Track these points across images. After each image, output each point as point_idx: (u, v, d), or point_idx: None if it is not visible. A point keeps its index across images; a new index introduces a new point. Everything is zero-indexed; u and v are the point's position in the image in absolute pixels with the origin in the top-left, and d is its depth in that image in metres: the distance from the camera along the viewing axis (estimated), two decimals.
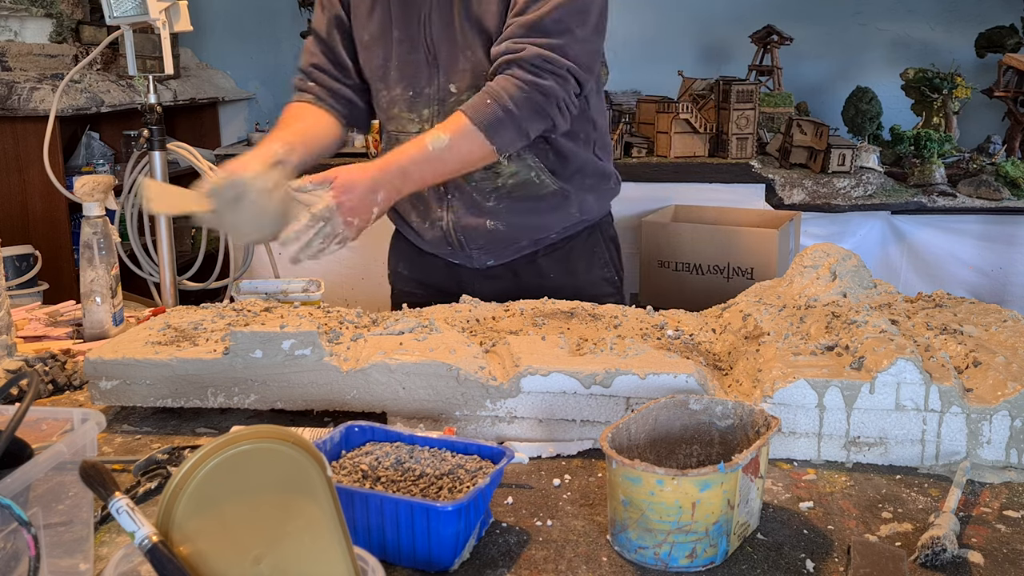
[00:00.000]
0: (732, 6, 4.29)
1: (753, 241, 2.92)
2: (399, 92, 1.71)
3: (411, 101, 1.71)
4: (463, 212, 1.74)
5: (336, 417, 1.31)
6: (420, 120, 1.70)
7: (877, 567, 0.88)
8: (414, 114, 1.71)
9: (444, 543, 0.92)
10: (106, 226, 1.69)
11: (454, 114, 1.57)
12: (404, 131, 1.72)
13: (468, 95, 1.64)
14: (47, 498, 0.84)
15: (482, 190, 1.73)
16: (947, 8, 4.25)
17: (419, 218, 1.80)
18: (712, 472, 0.90)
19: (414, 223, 1.82)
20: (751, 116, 3.40)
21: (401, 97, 1.71)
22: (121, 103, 3.78)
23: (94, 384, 1.31)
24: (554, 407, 1.21)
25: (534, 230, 1.79)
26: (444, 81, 1.67)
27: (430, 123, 1.68)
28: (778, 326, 1.34)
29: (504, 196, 1.73)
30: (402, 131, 1.73)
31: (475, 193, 1.73)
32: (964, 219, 3.26)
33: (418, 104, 1.70)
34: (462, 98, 1.66)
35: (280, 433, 0.75)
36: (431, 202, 1.76)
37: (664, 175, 3.35)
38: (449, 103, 1.67)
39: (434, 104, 1.69)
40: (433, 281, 1.85)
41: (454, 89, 1.67)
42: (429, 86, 1.68)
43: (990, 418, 1.12)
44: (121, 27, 2.05)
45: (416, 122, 1.71)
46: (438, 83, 1.68)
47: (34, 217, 3.48)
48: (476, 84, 1.64)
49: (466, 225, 1.75)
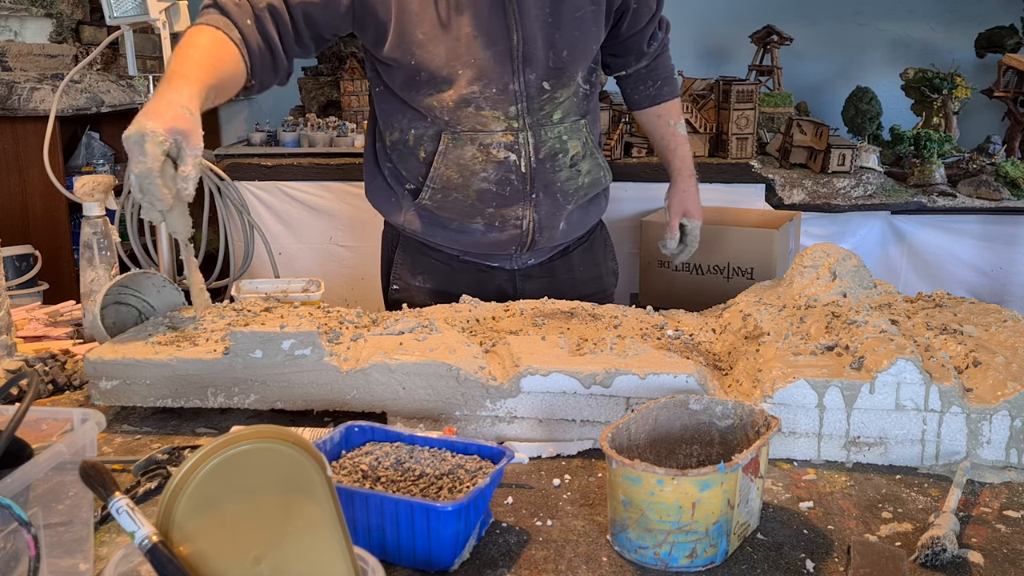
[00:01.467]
0: (732, 6, 4.29)
1: (753, 241, 2.91)
2: (476, 89, 1.62)
3: (495, 99, 1.63)
4: (546, 213, 1.73)
5: (336, 417, 1.31)
6: (506, 118, 1.65)
7: (877, 567, 0.88)
8: (498, 111, 1.65)
9: (444, 543, 0.92)
10: (106, 226, 1.69)
11: (676, 100, 1.96)
12: (485, 129, 1.66)
13: (561, 93, 1.67)
14: (47, 498, 0.84)
15: (565, 191, 1.74)
16: (947, 8, 4.25)
17: (484, 220, 1.72)
18: (712, 472, 0.90)
19: (472, 225, 1.73)
20: (751, 116, 3.40)
21: (481, 95, 1.63)
22: (121, 103, 3.78)
23: (94, 384, 1.31)
24: (554, 407, 1.21)
25: (582, 226, 1.85)
26: (535, 79, 1.64)
27: (518, 120, 1.65)
28: (778, 326, 1.34)
29: (581, 196, 1.78)
30: (482, 129, 1.66)
31: (559, 194, 1.73)
32: (964, 219, 3.25)
33: (503, 101, 1.64)
34: (556, 95, 1.66)
35: (280, 433, 0.75)
36: (512, 202, 1.70)
37: (664, 175, 3.32)
38: (540, 100, 1.66)
39: (522, 101, 1.65)
40: (461, 290, 1.70)
41: (547, 87, 1.66)
42: (514, 82, 1.63)
43: (990, 418, 1.12)
44: (121, 27, 2.05)
45: (502, 120, 1.65)
46: (524, 79, 1.63)
47: (34, 217, 3.48)
48: (565, 83, 1.67)
49: (545, 226, 1.74)
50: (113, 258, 1.69)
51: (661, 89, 1.93)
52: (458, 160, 1.67)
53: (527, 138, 1.67)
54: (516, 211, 1.71)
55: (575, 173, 1.74)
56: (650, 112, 1.96)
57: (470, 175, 1.68)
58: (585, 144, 1.75)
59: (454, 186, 1.69)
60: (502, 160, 1.67)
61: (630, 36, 1.82)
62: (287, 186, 3.40)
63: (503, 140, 1.66)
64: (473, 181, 1.68)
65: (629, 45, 1.84)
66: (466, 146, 1.66)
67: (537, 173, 1.69)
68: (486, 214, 1.72)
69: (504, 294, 1.78)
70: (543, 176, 1.70)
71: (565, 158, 1.72)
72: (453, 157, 1.67)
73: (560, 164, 1.71)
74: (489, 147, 1.66)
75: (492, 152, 1.66)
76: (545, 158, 1.69)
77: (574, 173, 1.73)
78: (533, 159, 1.68)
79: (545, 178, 1.70)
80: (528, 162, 1.68)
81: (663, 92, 1.94)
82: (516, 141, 1.67)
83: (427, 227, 1.77)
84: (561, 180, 1.72)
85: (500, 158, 1.67)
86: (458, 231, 1.76)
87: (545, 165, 1.69)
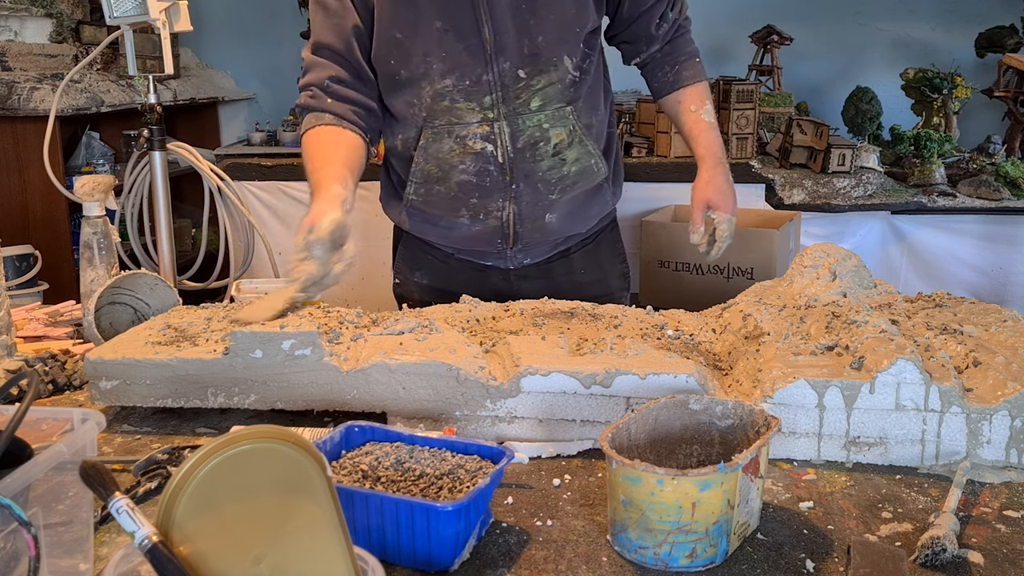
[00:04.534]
0: (732, 6, 4.29)
1: (753, 241, 2.92)
2: (450, 83, 1.63)
3: (468, 90, 1.64)
4: (527, 204, 1.72)
5: (336, 417, 1.31)
6: (481, 108, 1.65)
7: (877, 567, 0.88)
8: (473, 103, 1.65)
9: (444, 543, 0.92)
10: (106, 226, 1.69)
11: (698, 84, 1.81)
12: (461, 122, 1.66)
13: (539, 80, 1.65)
14: (47, 498, 0.84)
15: (548, 180, 1.71)
16: (947, 8, 4.25)
17: (469, 212, 1.73)
18: (712, 472, 0.90)
19: (458, 220, 1.74)
20: (751, 116, 3.40)
21: (454, 88, 1.64)
22: (121, 103, 3.78)
23: (94, 384, 1.31)
24: (554, 407, 1.21)
25: (581, 222, 1.81)
26: (509, 67, 1.63)
27: (493, 110, 1.65)
28: (778, 326, 1.34)
29: (567, 187, 1.74)
30: (457, 122, 1.66)
31: (540, 184, 1.71)
32: (964, 219, 3.25)
33: (477, 93, 1.64)
34: (532, 83, 1.65)
35: (280, 433, 0.75)
36: (493, 192, 1.70)
37: (664, 175, 3.36)
38: (516, 88, 1.65)
39: (496, 91, 1.64)
40: (458, 288, 1.73)
41: (523, 74, 1.64)
42: (487, 73, 1.63)
43: (990, 418, 1.12)
44: (121, 27, 2.05)
45: (477, 111, 1.66)
46: (498, 69, 1.63)
47: (34, 217, 3.48)
48: (542, 68, 1.64)
49: (527, 217, 1.73)
50: (113, 258, 1.69)
51: (680, 74, 1.82)
52: (436, 154, 1.69)
53: (502, 128, 1.66)
54: (497, 202, 1.71)
55: (558, 162, 1.71)
56: (671, 99, 1.85)
57: (449, 168, 1.69)
58: (572, 132, 1.71)
59: (435, 179, 1.71)
60: (479, 151, 1.67)
61: (635, 19, 1.77)
62: (287, 186, 3.41)
63: (479, 131, 1.66)
64: (453, 174, 1.69)
65: (636, 29, 1.79)
66: (444, 139, 1.67)
67: (515, 163, 1.68)
68: (470, 205, 1.72)
69: (501, 294, 1.77)
70: (522, 166, 1.68)
71: (547, 147, 1.69)
72: (432, 151, 1.69)
73: (541, 153, 1.69)
74: (465, 139, 1.67)
75: (468, 144, 1.67)
76: (524, 147, 1.68)
77: (557, 162, 1.71)
78: (510, 148, 1.67)
79: (525, 168, 1.68)
80: (505, 152, 1.67)
81: (681, 77, 1.82)
82: (492, 131, 1.66)
83: (419, 225, 1.80)
84: (543, 170, 1.70)
85: (477, 149, 1.67)
86: (446, 227, 1.76)
87: (524, 154, 1.68)
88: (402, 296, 1.93)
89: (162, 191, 2.16)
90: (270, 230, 3.18)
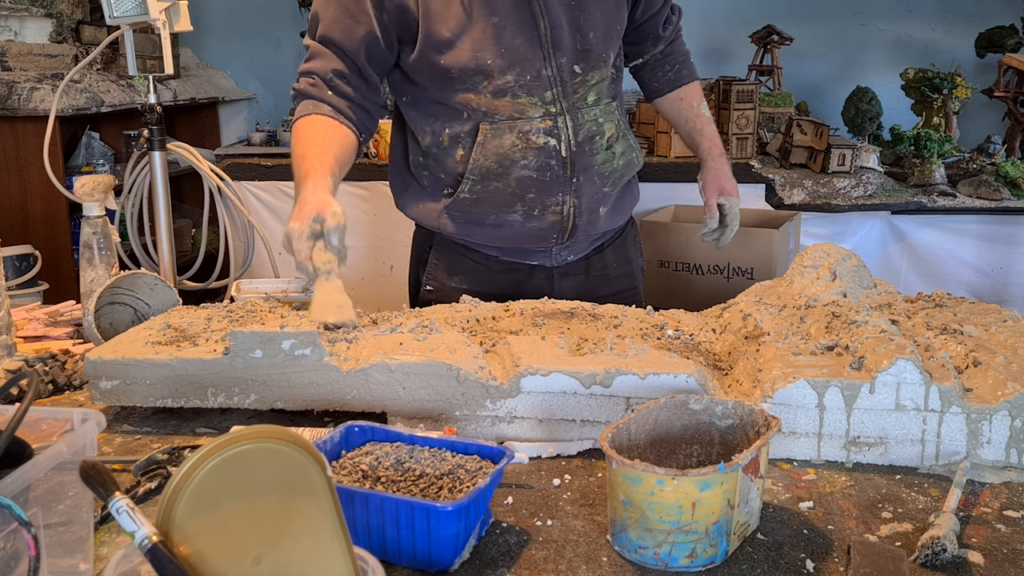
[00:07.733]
0: (732, 6, 4.29)
1: (753, 241, 2.91)
2: (511, 78, 1.64)
3: (530, 85, 1.65)
4: (587, 197, 1.73)
5: (336, 417, 1.31)
6: (543, 103, 1.67)
7: (877, 567, 0.88)
8: (535, 97, 1.66)
9: (444, 543, 0.92)
10: (106, 226, 1.69)
11: (696, 82, 1.94)
12: (523, 116, 1.67)
13: (592, 75, 1.69)
14: (47, 498, 0.84)
15: (603, 174, 1.74)
16: (947, 8, 4.25)
17: (524, 208, 1.72)
18: (712, 472, 0.90)
19: (511, 216, 1.73)
20: (751, 116, 3.40)
21: (516, 83, 1.65)
22: (121, 103, 3.78)
23: (94, 384, 1.31)
24: (554, 407, 1.21)
25: (620, 215, 1.86)
26: (566, 62, 1.66)
27: (555, 104, 1.67)
28: (778, 326, 1.34)
29: (617, 180, 1.78)
30: (519, 116, 1.67)
31: (597, 177, 1.74)
32: (964, 219, 3.25)
33: (538, 87, 1.66)
34: (587, 78, 1.68)
35: (280, 433, 0.75)
36: (552, 187, 1.71)
37: (664, 175, 3.35)
38: (573, 83, 1.68)
39: (556, 85, 1.67)
40: (498, 290, 1.73)
41: (579, 70, 1.68)
42: (546, 67, 1.65)
43: (990, 418, 1.12)
44: (121, 27, 2.05)
45: (539, 105, 1.67)
46: (555, 64, 1.65)
47: (34, 217, 3.48)
48: (594, 64, 1.69)
49: (585, 211, 1.74)
50: (113, 258, 1.70)
51: (680, 72, 1.93)
52: (497, 150, 1.68)
53: (566, 122, 1.68)
54: (556, 197, 1.72)
55: (611, 155, 1.75)
56: (671, 97, 1.95)
57: (510, 164, 1.68)
58: (618, 126, 1.77)
59: (494, 175, 1.69)
60: (542, 145, 1.68)
61: (646, 20, 1.84)
62: (287, 186, 3.40)
63: (542, 126, 1.67)
64: (513, 169, 1.69)
65: (645, 30, 1.86)
66: (505, 135, 1.67)
67: (577, 156, 1.70)
68: (526, 200, 1.72)
69: (541, 294, 1.75)
70: (583, 159, 1.71)
71: (602, 140, 1.73)
72: (492, 147, 1.67)
73: (597, 147, 1.73)
74: (528, 133, 1.67)
75: (532, 138, 1.67)
76: (584, 141, 1.70)
77: (610, 155, 1.75)
78: (572, 142, 1.69)
79: (584, 161, 1.71)
80: (568, 146, 1.69)
81: (682, 75, 1.93)
82: (555, 125, 1.68)
83: (463, 227, 1.77)
84: (599, 163, 1.73)
85: (540, 144, 1.68)
86: (495, 225, 1.75)
87: (584, 148, 1.71)
88: (436, 303, 1.82)
89: (162, 191, 2.16)
90: (270, 230, 3.18)
